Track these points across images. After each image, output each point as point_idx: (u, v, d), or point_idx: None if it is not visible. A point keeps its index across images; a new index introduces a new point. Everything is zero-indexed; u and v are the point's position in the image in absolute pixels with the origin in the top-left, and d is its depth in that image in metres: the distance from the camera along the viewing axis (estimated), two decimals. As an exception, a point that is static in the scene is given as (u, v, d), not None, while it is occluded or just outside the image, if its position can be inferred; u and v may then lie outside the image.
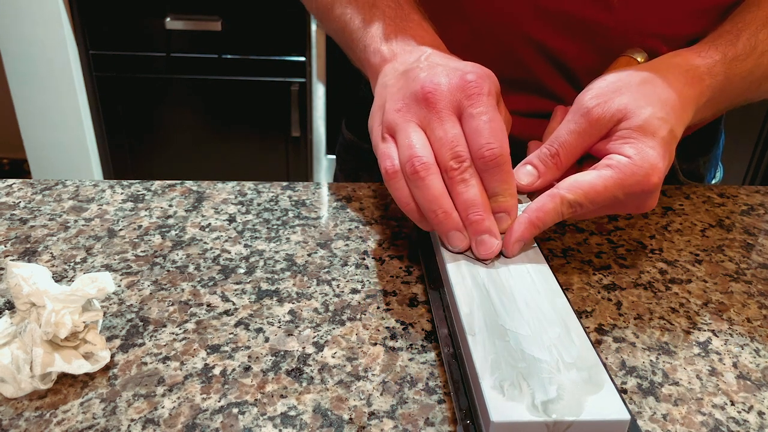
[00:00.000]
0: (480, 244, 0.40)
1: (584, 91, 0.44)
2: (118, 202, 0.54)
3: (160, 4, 1.65)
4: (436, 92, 0.40)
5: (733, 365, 0.39)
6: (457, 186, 0.39)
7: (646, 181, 0.40)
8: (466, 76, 0.40)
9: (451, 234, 0.40)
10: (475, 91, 0.40)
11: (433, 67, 0.42)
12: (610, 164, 0.41)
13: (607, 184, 0.40)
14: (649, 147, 0.41)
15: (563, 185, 0.41)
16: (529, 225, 0.40)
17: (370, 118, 0.45)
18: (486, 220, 0.39)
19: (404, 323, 0.41)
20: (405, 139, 0.40)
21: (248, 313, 0.41)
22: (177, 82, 1.75)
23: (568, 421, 0.29)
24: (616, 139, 0.42)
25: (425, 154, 0.39)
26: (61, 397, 0.34)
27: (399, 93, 0.42)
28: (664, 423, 0.34)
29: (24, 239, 0.48)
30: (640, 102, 0.42)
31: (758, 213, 0.57)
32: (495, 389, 0.31)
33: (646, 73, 0.45)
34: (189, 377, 0.36)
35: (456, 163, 0.39)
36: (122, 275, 0.44)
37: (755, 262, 0.50)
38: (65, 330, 0.34)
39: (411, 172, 0.39)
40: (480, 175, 0.40)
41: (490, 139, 0.39)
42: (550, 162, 0.43)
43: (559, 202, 0.40)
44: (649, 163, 0.40)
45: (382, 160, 0.41)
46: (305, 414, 0.34)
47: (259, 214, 0.53)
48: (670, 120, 0.42)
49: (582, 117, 0.42)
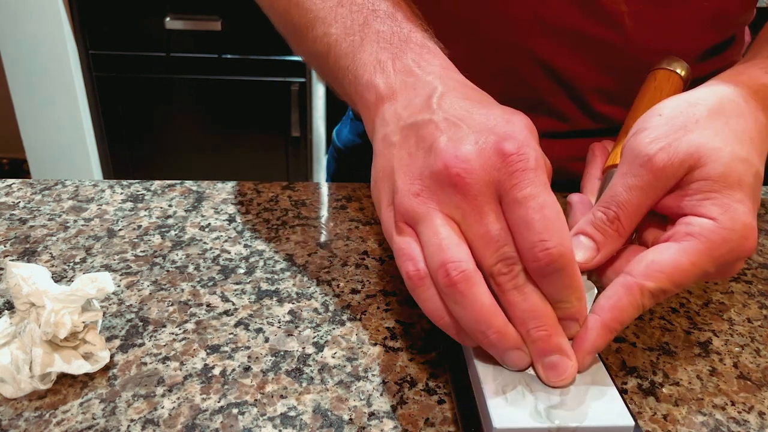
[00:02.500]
0: (550, 369, 0.31)
1: (638, 132, 0.35)
2: (117, 202, 0.54)
3: (160, 4, 1.65)
4: (466, 173, 0.31)
5: (733, 365, 0.39)
6: (511, 295, 0.31)
7: (742, 247, 0.32)
8: (503, 145, 0.31)
9: (509, 354, 0.31)
10: (518, 167, 0.30)
11: (453, 126, 0.33)
12: (692, 231, 0.32)
13: (694, 259, 0.32)
14: (736, 201, 0.33)
15: (638, 270, 0.32)
16: (604, 330, 0.32)
17: (375, 188, 0.36)
18: (554, 336, 0.31)
19: (404, 323, 0.41)
20: (432, 236, 0.31)
21: (248, 313, 0.41)
22: (177, 82, 1.75)
23: (571, 428, 0.29)
24: (693, 194, 0.33)
25: (463, 258, 0.31)
26: (61, 398, 0.34)
27: (412, 165, 0.33)
28: (665, 423, 0.34)
29: (23, 239, 0.48)
30: (715, 141, 0.34)
31: (758, 213, 0.57)
32: (497, 395, 0.31)
33: (712, 99, 0.37)
34: (189, 377, 0.36)
35: (505, 267, 0.31)
36: (122, 275, 0.44)
37: (756, 262, 0.50)
38: (65, 330, 0.34)
39: (446, 283, 0.30)
40: (535, 281, 0.31)
41: (544, 235, 0.30)
42: (609, 230, 0.34)
43: (638, 295, 0.32)
44: (742, 224, 0.32)
45: (401, 260, 0.33)
46: (305, 414, 0.34)
47: (259, 214, 0.53)
48: (753, 159, 0.34)
49: (642, 168, 0.34)
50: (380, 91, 0.37)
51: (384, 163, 0.35)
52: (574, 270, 0.31)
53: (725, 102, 0.37)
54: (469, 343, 0.33)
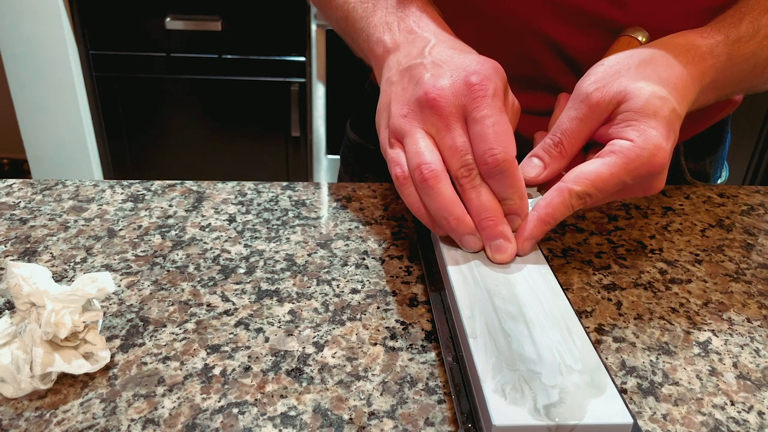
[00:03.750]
0: (495, 249, 0.40)
1: (584, 77, 0.44)
2: (118, 202, 0.54)
3: (160, 4, 1.65)
4: (440, 98, 0.40)
5: (733, 365, 0.39)
6: (468, 193, 0.40)
7: (652, 162, 0.40)
8: (470, 78, 0.40)
9: (465, 238, 0.40)
10: (479, 94, 0.39)
11: (436, 66, 0.42)
12: (614, 150, 0.40)
13: (613, 170, 0.40)
14: (651, 128, 0.40)
15: (569, 177, 0.40)
16: (539, 222, 0.40)
17: (377, 116, 0.45)
18: (499, 225, 0.40)
19: (404, 323, 0.41)
20: (413, 145, 0.40)
21: (248, 313, 0.41)
22: (177, 82, 1.75)
23: (570, 425, 0.29)
24: (618, 123, 0.41)
25: (433, 161, 0.39)
26: (61, 397, 0.34)
27: (404, 95, 0.42)
28: (664, 423, 0.34)
29: (24, 239, 0.48)
30: (640, 83, 0.42)
31: (758, 213, 0.57)
32: (497, 393, 0.31)
33: (646, 53, 0.45)
34: (189, 377, 0.36)
35: (466, 171, 0.39)
36: (122, 275, 0.44)
37: (755, 262, 0.50)
38: (65, 330, 0.34)
39: (420, 179, 0.39)
40: (486, 180, 0.40)
41: (493, 144, 0.38)
42: (554, 152, 0.43)
43: (567, 196, 0.40)
44: (653, 144, 0.40)
45: (391, 166, 0.42)
46: (305, 414, 0.34)
47: (259, 214, 0.53)
48: (671, 99, 0.42)
49: (582, 103, 0.42)
50: (387, 45, 0.46)
51: (385, 97, 0.44)
52: (516, 173, 0.39)
53: (656, 56, 0.45)
54: (438, 231, 0.42)
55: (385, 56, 0.46)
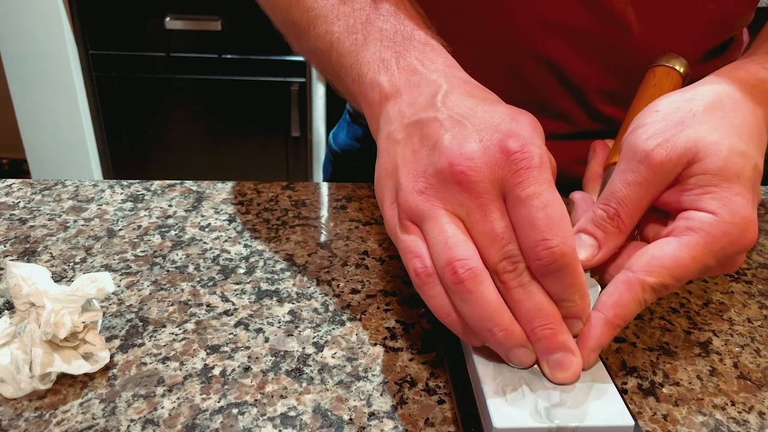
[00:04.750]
0: (556, 366, 0.31)
1: (635, 128, 0.36)
2: (117, 202, 0.54)
3: (160, 4, 1.65)
4: (471, 171, 0.31)
5: (733, 365, 0.39)
6: (515, 293, 0.31)
7: (742, 240, 0.33)
8: (508, 143, 0.31)
9: (514, 352, 0.31)
10: (522, 165, 0.30)
11: (458, 124, 0.32)
12: (692, 226, 0.33)
13: (695, 254, 0.32)
14: (735, 195, 0.33)
15: (638, 265, 0.32)
16: (607, 326, 0.32)
17: (378, 184, 0.36)
18: (559, 334, 0.31)
19: (404, 323, 0.41)
20: (438, 234, 0.31)
21: (248, 313, 0.41)
22: (177, 82, 1.75)
23: (571, 427, 0.29)
24: (692, 189, 0.34)
25: (469, 255, 0.31)
26: (61, 398, 0.34)
27: (416, 162, 0.33)
28: (665, 423, 0.34)
29: (23, 239, 0.48)
30: (713, 135, 0.34)
31: (759, 213, 0.57)
32: (497, 394, 0.31)
33: (708, 94, 0.37)
34: (189, 377, 0.36)
35: (510, 265, 0.31)
36: (122, 275, 0.44)
37: (756, 262, 0.50)
38: (65, 330, 0.34)
39: (453, 281, 0.30)
40: (538, 279, 0.31)
41: (547, 234, 0.29)
42: (610, 227, 0.34)
43: (639, 290, 0.32)
44: (741, 217, 0.32)
45: (407, 258, 0.33)
46: (305, 414, 0.34)
47: (259, 214, 0.53)
48: (751, 153, 0.34)
49: (641, 164, 0.34)
50: (384, 89, 0.37)
51: (388, 160, 0.35)
52: (577, 269, 0.31)
53: (722, 97, 0.37)
54: (474, 342, 0.33)
55: (383, 104, 0.37)
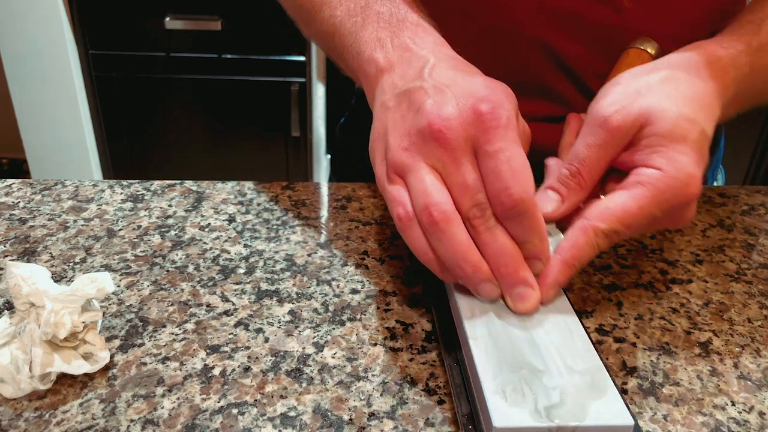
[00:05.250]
0: (517, 298, 0.36)
1: (599, 98, 0.40)
2: (117, 202, 0.54)
3: (160, 4, 1.65)
4: (447, 130, 0.35)
5: (733, 365, 0.39)
6: (483, 236, 0.35)
7: (685, 193, 0.37)
8: (479, 105, 0.35)
9: (481, 286, 0.36)
10: (491, 124, 0.35)
11: (439, 91, 0.37)
12: (641, 180, 0.37)
13: (642, 204, 0.36)
14: (681, 154, 0.37)
15: (593, 214, 0.37)
16: (564, 266, 0.37)
17: (371, 146, 0.40)
18: (520, 271, 0.36)
19: (404, 323, 0.41)
20: (417, 183, 0.36)
21: (248, 314, 0.41)
22: (177, 82, 1.75)
23: (571, 427, 0.29)
24: (643, 149, 0.38)
25: (443, 201, 0.35)
26: (61, 398, 0.34)
27: (403, 125, 0.38)
28: (665, 423, 0.34)
29: (23, 239, 0.48)
30: (664, 103, 0.38)
31: (759, 213, 0.57)
32: (497, 394, 0.31)
33: (665, 69, 0.41)
34: (189, 377, 0.36)
35: (478, 211, 0.35)
36: (122, 275, 0.44)
37: (756, 262, 0.50)
38: (64, 330, 0.34)
39: (429, 222, 0.35)
40: (502, 222, 0.35)
41: (509, 182, 0.34)
42: (572, 183, 0.39)
43: (592, 235, 0.36)
44: (684, 173, 0.36)
45: (392, 205, 0.37)
46: (305, 414, 0.34)
47: (259, 214, 0.53)
48: (699, 119, 0.38)
49: (600, 128, 0.38)
50: (380, 64, 0.41)
51: (380, 125, 0.39)
52: (536, 214, 0.35)
53: (677, 71, 0.41)
54: (449, 279, 0.37)
55: (378, 77, 0.41)
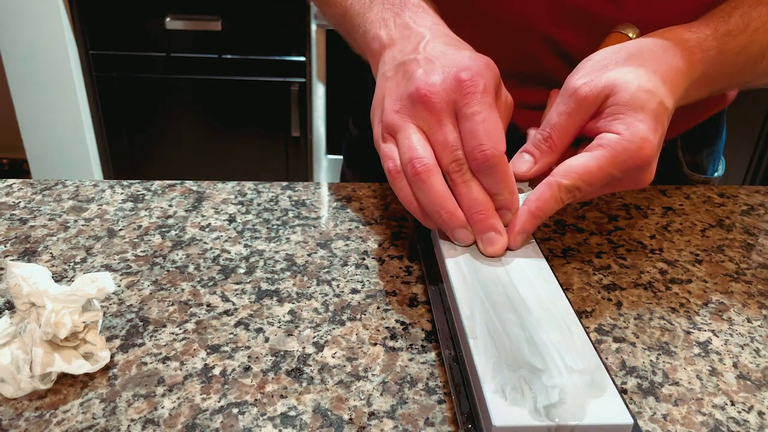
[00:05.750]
0: (487, 242, 0.40)
1: (573, 72, 0.44)
2: (117, 202, 0.54)
3: (160, 4, 1.65)
4: (431, 94, 0.40)
5: (733, 365, 0.39)
6: (459, 187, 0.40)
7: (639, 155, 0.40)
8: (460, 74, 0.40)
9: (456, 231, 0.41)
10: (469, 90, 0.40)
11: (429, 62, 0.42)
12: (602, 143, 0.41)
13: (601, 163, 0.40)
14: (638, 121, 0.41)
15: (558, 172, 0.41)
16: (530, 216, 0.41)
17: (372, 111, 0.45)
18: (490, 218, 0.40)
19: (404, 323, 0.41)
20: (405, 140, 0.41)
21: (248, 313, 0.41)
22: (177, 82, 1.75)
23: (570, 426, 0.29)
24: (606, 117, 0.42)
25: (425, 155, 0.40)
26: (61, 398, 0.34)
27: (396, 91, 0.43)
28: (665, 423, 0.34)
29: (24, 239, 0.48)
30: (627, 76, 0.42)
31: (758, 213, 0.57)
32: (497, 393, 0.31)
33: (633, 48, 0.45)
34: (189, 377, 0.36)
35: (456, 166, 0.40)
36: (122, 275, 0.44)
37: (755, 262, 0.50)
38: (65, 330, 0.34)
39: (412, 173, 0.40)
40: (476, 176, 0.40)
41: (483, 140, 0.39)
42: (544, 146, 0.43)
43: (556, 189, 0.40)
44: (640, 137, 0.40)
45: (384, 160, 0.42)
46: (305, 414, 0.34)
47: (259, 214, 0.53)
48: (658, 92, 0.42)
49: (570, 97, 0.43)
50: (383, 41, 0.46)
51: (379, 92, 0.45)
52: (505, 168, 0.40)
53: (644, 50, 0.45)
54: (429, 225, 0.42)
55: (381, 52, 0.46)
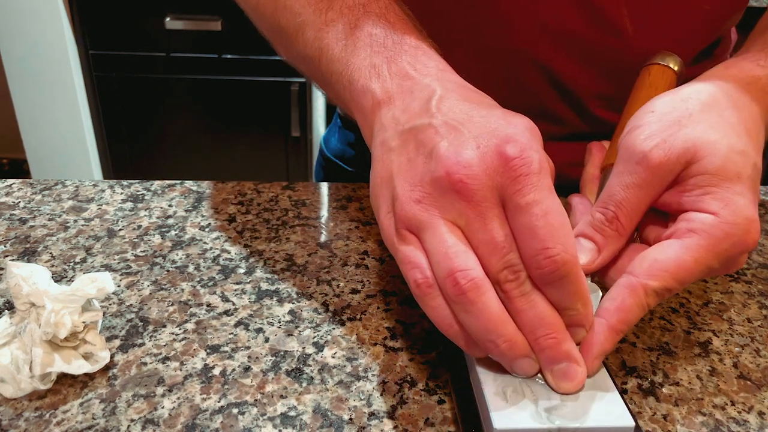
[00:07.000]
0: (560, 376, 0.31)
1: (632, 129, 0.35)
2: (117, 202, 0.54)
3: (160, 4, 1.65)
4: (469, 179, 0.30)
5: (733, 365, 0.39)
6: (517, 302, 0.30)
7: (745, 240, 0.32)
8: (506, 149, 0.30)
9: (517, 363, 0.31)
10: (521, 172, 0.29)
11: (453, 130, 0.31)
12: (694, 228, 0.32)
13: (698, 256, 0.32)
14: (737, 195, 0.32)
15: (641, 269, 0.32)
16: (611, 332, 0.32)
17: (373, 192, 0.35)
18: (562, 344, 0.30)
19: (404, 323, 0.41)
20: (438, 244, 0.30)
21: (248, 313, 0.41)
22: (177, 82, 1.75)
23: (571, 428, 0.29)
24: (691, 189, 0.33)
25: (471, 266, 0.30)
26: (61, 398, 0.34)
27: (412, 171, 0.32)
28: (665, 423, 0.34)
29: (23, 239, 0.48)
30: (711, 134, 0.33)
31: (759, 213, 0.57)
32: (498, 396, 0.31)
33: (704, 92, 0.36)
34: (189, 377, 0.36)
35: (511, 274, 0.30)
36: (122, 275, 0.44)
37: (756, 262, 0.50)
38: (65, 330, 0.34)
39: (455, 292, 0.30)
40: (540, 288, 0.30)
41: (548, 242, 0.29)
42: (609, 230, 0.34)
43: (642, 294, 0.31)
44: (743, 217, 0.32)
45: (407, 269, 0.32)
46: (305, 414, 0.34)
47: (259, 214, 0.53)
48: (750, 151, 0.34)
49: (639, 165, 0.33)
50: (377, 96, 0.36)
51: (382, 169, 0.34)
52: (579, 277, 0.30)
53: (718, 95, 0.36)
54: (477, 354, 0.32)
55: (376, 110, 0.35)
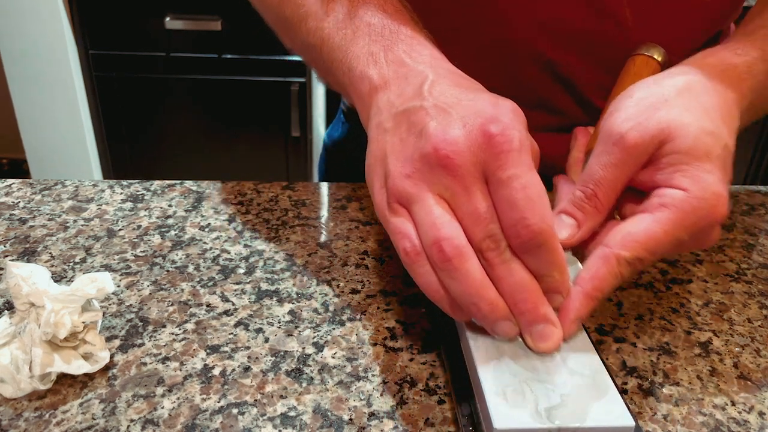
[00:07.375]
0: (538, 337, 0.33)
1: (611, 113, 0.37)
2: (117, 202, 0.54)
3: (160, 4, 1.65)
4: (455, 155, 0.32)
5: (733, 365, 0.39)
6: (498, 269, 0.32)
7: (712, 214, 0.34)
8: (489, 127, 0.32)
9: (498, 325, 0.33)
10: (502, 148, 0.32)
11: (443, 111, 0.34)
12: (664, 202, 0.34)
13: (667, 228, 0.33)
14: (705, 172, 0.34)
15: (614, 240, 0.34)
16: (586, 299, 0.33)
17: (368, 170, 0.37)
18: (540, 307, 0.33)
19: (404, 323, 0.41)
20: (425, 214, 0.33)
21: (248, 314, 0.41)
22: (177, 82, 1.75)
23: (572, 428, 0.29)
24: (664, 168, 0.35)
25: (455, 234, 0.32)
26: (61, 398, 0.34)
27: (404, 149, 0.34)
28: (665, 423, 0.34)
29: (23, 239, 0.48)
30: (684, 117, 0.35)
31: (759, 213, 0.57)
32: (498, 395, 0.31)
33: (680, 79, 0.38)
34: (189, 377, 0.36)
35: (492, 243, 0.32)
36: (122, 275, 0.44)
37: (756, 262, 0.50)
38: (64, 330, 0.34)
39: (440, 259, 0.32)
40: (519, 256, 0.32)
41: (526, 212, 0.31)
42: (588, 206, 0.36)
43: (615, 263, 0.33)
44: (711, 192, 0.34)
45: (397, 239, 0.34)
46: (305, 414, 0.34)
47: (259, 214, 0.53)
48: (721, 133, 0.36)
49: (615, 145, 0.35)
50: (374, 81, 0.38)
51: (377, 148, 0.36)
52: (555, 245, 0.32)
53: (693, 81, 0.38)
54: (461, 317, 0.34)
55: (373, 95, 0.38)
